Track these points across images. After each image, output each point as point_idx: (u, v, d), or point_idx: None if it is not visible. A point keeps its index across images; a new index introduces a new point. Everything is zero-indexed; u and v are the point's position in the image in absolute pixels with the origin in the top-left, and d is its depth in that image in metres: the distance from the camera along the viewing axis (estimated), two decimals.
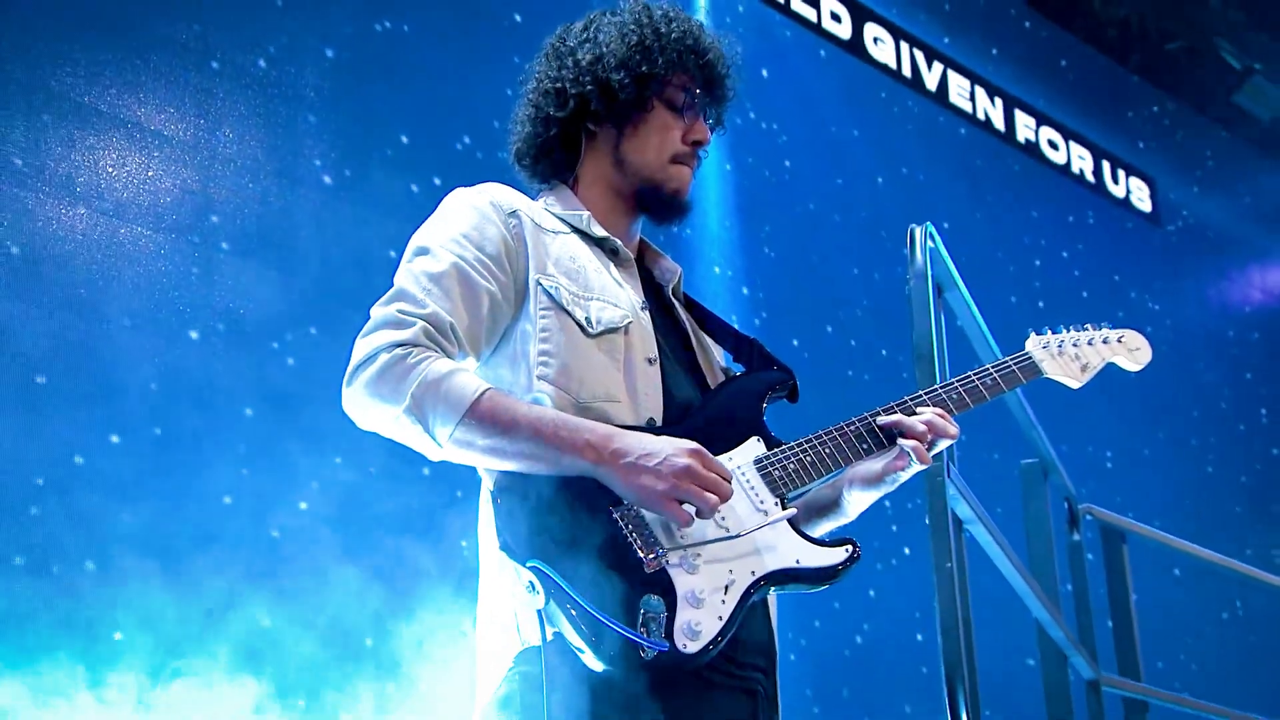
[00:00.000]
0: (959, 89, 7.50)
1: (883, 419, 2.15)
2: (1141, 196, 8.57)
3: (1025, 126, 7.87)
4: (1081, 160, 8.20)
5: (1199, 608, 7.56)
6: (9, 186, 3.97)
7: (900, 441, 2.12)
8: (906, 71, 7.20)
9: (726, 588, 1.91)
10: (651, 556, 1.88)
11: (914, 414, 2.16)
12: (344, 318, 4.26)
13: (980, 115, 7.60)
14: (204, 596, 3.93)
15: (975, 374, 2.27)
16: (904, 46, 7.22)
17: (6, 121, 4.01)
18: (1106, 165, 8.35)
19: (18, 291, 3.91)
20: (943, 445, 2.17)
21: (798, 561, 1.97)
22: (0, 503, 3.68)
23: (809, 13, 6.70)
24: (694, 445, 1.93)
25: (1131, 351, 2.46)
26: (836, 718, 5.53)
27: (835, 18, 6.85)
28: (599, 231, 2.24)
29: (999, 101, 7.74)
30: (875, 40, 7.06)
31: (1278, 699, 6.82)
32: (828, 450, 2.10)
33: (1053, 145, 8.03)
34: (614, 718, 1.85)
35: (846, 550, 2.00)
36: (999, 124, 7.71)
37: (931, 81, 7.34)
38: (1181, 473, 7.98)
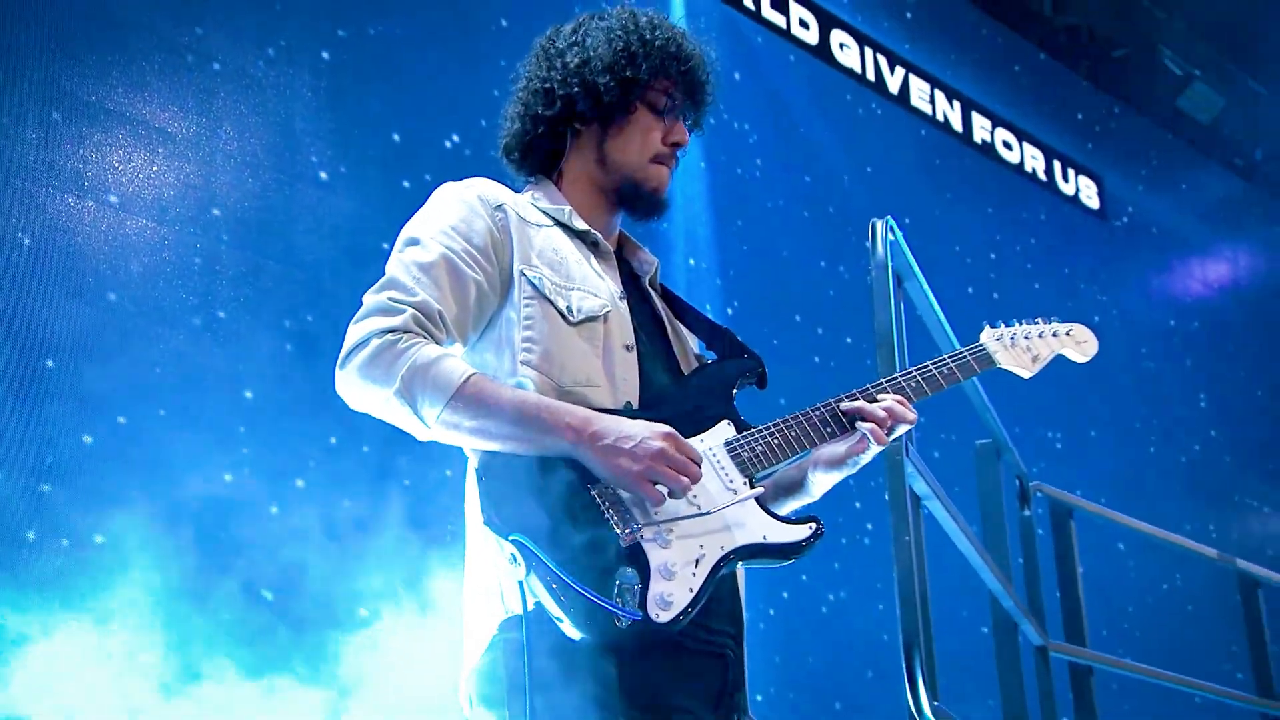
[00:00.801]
0: (920, 92, 7.50)
1: (845, 405, 2.15)
2: (1090, 194, 8.59)
3: (981, 128, 7.89)
4: (1034, 159, 8.22)
5: (1141, 579, 7.61)
6: (21, 180, 3.94)
7: (859, 425, 2.13)
8: (870, 75, 7.21)
9: (697, 561, 1.91)
10: (627, 532, 1.88)
11: (875, 401, 2.16)
12: (339, 305, 4.26)
13: (939, 117, 7.61)
14: (206, 570, 3.92)
15: (933, 363, 2.27)
16: (868, 52, 7.22)
17: (19, 119, 3.98)
18: (1057, 164, 8.38)
19: (29, 280, 3.89)
20: (901, 430, 2.17)
21: (765, 537, 1.98)
22: (14, 480, 3.67)
23: (779, 19, 6.70)
24: (667, 429, 1.93)
25: (1079, 344, 2.46)
26: (803, 683, 5.55)
27: (804, 24, 6.85)
28: (580, 225, 2.24)
29: (957, 104, 7.75)
30: (841, 46, 7.05)
31: (1213, 663, 6.89)
32: (794, 434, 2.10)
33: (1007, 145, 8.05)
34: (591, 682, 1.85)
35: (810, 528, 2.00)
36: (957, 125, 7.72)
37: (894, 85, 7.35)
38: (1126, 453, 8.02)
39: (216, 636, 3.90)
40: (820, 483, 2.22)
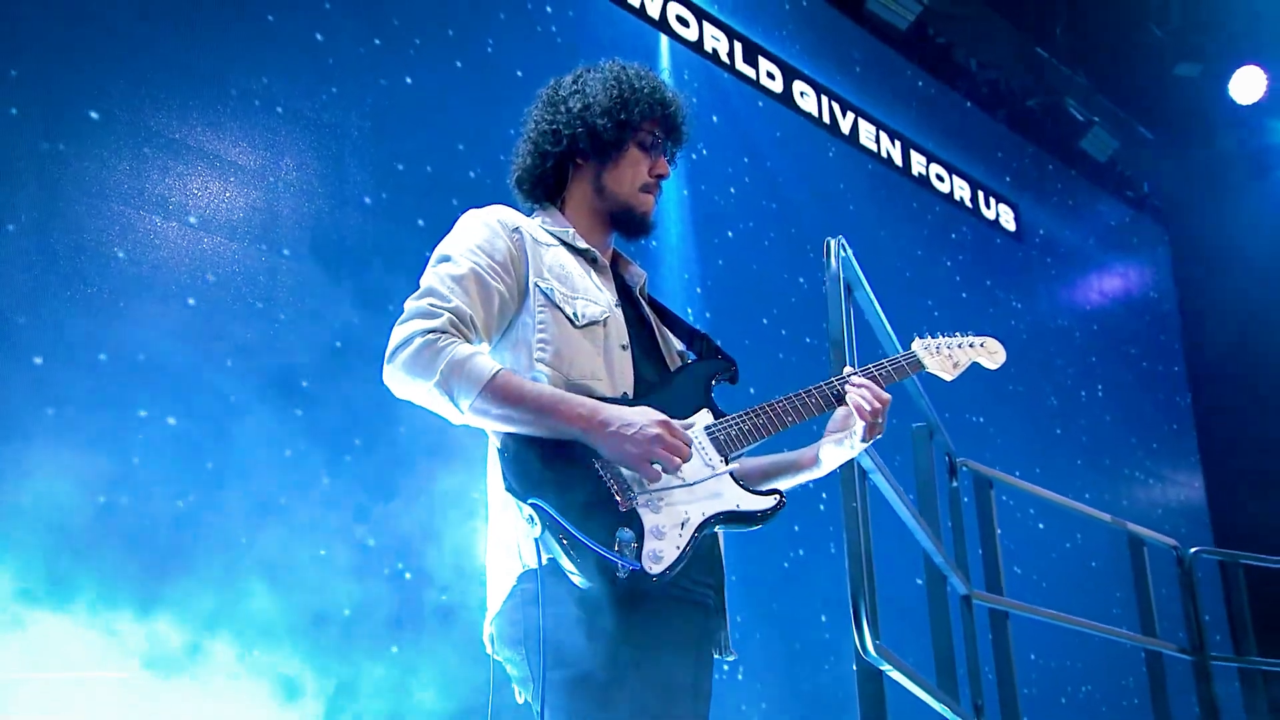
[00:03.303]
0: (867, 133, 7.51)
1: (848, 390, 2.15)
2: (1008, 219, 8.62)
3: (918, 163, 7.90)
4: (962, 189, 8.23)
5: (1049, 539, 7.64)
6: (117, 204, 3.93)
7: (849, 396, 2.13)
8: (826, 119, 7.21)
9: (683, 524, 1.92)
10: (625, 500, 1.90)
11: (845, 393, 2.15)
12: (381, 309, 4.26)
13: (883, 154, 7.62)
14: (271, 530, 3.93)
15: (875, 366, 2.27)
16: (824, 99, 7.22)
17: (115, 153, 3.98)
18: (981, 194, 8.40)
19: (122, 288, 3.89)
20: (881, 408, 2.16)
21: (738, 505, 1.99)
22: (112, 454, 3.66)
23: (749, 71, 6.70)
24: (663, 417, 1.94)
25: (991, 354, 2.46)
26: (767, 626, 5.57)
27: (770, 75, 6.85)
28: (582, 244, 2.24)
29: (898, 143, 7.76)
30: (801, 94, 7.06)
31: (1105, 608, 6.92)
32: (761, 421, 2.11)
33: (940, 178, 8.06)
34: (594, 625, 1.86)
35: (775, 498, 2.01)
36: (898, 161, 7.74)
37: (845, 127, 7.36)
38: (1037, 434, 8.05)
39: (277, 585, 3.90)
40: (829, 458, 2.22)
